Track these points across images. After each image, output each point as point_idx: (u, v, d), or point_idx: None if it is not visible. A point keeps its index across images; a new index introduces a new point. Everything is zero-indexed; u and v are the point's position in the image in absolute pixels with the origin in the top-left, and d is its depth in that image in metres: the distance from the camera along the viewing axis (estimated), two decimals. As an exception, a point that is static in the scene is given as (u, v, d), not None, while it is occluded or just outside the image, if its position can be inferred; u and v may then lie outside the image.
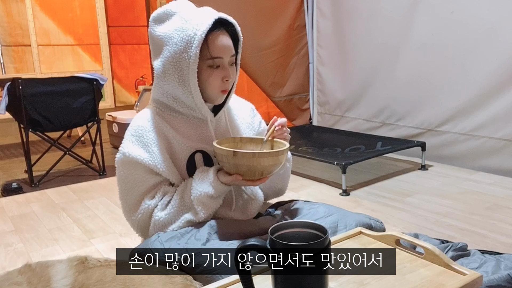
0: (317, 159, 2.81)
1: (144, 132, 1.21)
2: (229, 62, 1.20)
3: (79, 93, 3.12)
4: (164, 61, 1.17)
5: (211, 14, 1.16)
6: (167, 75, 1.18)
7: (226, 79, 1.19)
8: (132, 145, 1.20)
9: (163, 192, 1.21)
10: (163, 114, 1.25)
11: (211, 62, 1.16)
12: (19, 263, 1.85)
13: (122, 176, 1.22)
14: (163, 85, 1.21)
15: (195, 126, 1.26)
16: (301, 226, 0.80)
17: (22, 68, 6.35)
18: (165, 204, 1.19)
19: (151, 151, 1.19)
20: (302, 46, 4.07)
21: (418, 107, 3.24)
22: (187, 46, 1.13)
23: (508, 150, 2.75)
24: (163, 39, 1.17)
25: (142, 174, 1.19)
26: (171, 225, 1.19)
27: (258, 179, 1.14)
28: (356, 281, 0.86)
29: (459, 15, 2.89)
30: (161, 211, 1.19)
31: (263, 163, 1.09)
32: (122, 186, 1.23)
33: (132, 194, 1.21)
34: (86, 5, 6.68)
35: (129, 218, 1.24)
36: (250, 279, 0.78)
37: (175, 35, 1.15)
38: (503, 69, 2.70)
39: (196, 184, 1.17)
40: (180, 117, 1.26)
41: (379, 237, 1.02)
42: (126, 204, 1.23)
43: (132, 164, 1.19)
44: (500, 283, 1.28)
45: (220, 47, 1.16)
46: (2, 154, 4.24)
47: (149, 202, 1.19)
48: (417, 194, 2.50)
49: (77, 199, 2.69)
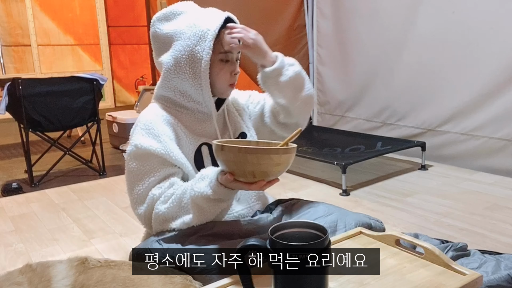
0: (317, 159, 2.81)
1: (154, 124, 1.21)
2: (236, 58, 1.27)
3: (79, 93, 3.12)
4: (176, 54, 1.20)
5: (220, 12, 1.23)
6: (178, 68, 1.21)
7: (235, 73, 1.26)
8: (143, 137, 1.20)
9: (170, 184, 1.18)
10: (168, 109, 1.27)
11: (223, 56, 1.22)
12: (19, 263, 1.85)
13: (134, 168, 1.19)
14: (172, 79, 1.23)
15: (200, 121, 1.29)
16: (301, 226, 0.80)
17: (22, 68, 6.35)
18: (168, 197, 1.16)
19: (162, 141, 1.18)
20: (302, 46, 4.07)
21: (418, 107, 3.24)
22: (201, 40, 1.18)
23: (508, 150, 2.75)
24: (174, 35, 1.22)
25: (154, 165, 1.18)
26: (171, 222, 1.16)
27: (254, 183, 1.01)
28: (356, 281, 0.87)
29: (460, 15, 2.89)
30: (162, 204, 1.16)
31: (251, 160, 0.95)
32: (132, 178, 1.20)
33: (142, 186, 1.18)
34: (86, 5, 6.68)
35: (136, 212, 1.21)
36: (250, 279, 0.78)
37: (187, 30, 1.20)
38: (503, 69, 2.70)
39: (195, 183, 1.12)
40: (185, 112, 1.28)
41: (379, 237, 1.02)
42: (134, 197, 1.20)
43: (144, 155, 1.18)
44: (500, 283, 1.28)
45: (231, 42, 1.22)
46: (2, 154, 4.24)
47: (155, 191, 1.17)
48: (417, 194, 2.50)
49: (77, 199, 2.69)
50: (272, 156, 0.96)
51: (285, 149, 0.99)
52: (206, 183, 1.08)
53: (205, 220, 1.14)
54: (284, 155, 0.98)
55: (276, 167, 0.98)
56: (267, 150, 0.97)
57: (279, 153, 0.98)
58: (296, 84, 1.31)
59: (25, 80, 2.92)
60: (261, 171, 0.98)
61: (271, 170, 0.99)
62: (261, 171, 0.98)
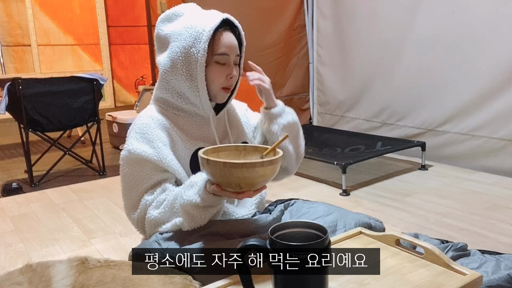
0: (317, 159, 2.81)
1: (148, 129, 1.21)
2: (234, 61, 1.24)
3: (79, 93, 3.12)
4: (173, 56, 1.20)
5: (219, 14, 1.22)
6: (175, 69, 1.21)
7: (230, 77, 1.23)
8: (137, 142, 1.20)
9: (162, 189, 1.19)
10: (166, 112, 1.27)
11: (218, 58, 1.20)
12: (19, 263, 1.85)
13: (127, 173, 1.21)
14: (170, 80, 1.23)
15: (197, 125, 1.28)
16: (301, 226, 0.80)
17: (22, 68, 6.35)
18: (160, 202, 1.17)
19: (156, 147, 1.19)
20: (302, 46, 4.07)
21: (418, 107, 3.24)
22: (196, 41, 1.17)
23: (508, 150, 2.75)
24: (171, 36, 1.22)
25: (146, 171, 1.19)
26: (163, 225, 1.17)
27: (241, 192, 1.00)
28: (356, 281, 0.87)
29: (460, 15, 2.89)
30: (154, 209, 1.17)
31: (236, 174, 0.95)
32: (125, 183, 1.22)
33: (135, 192, 1.20)
34: (86, 5, 6.68)
35: (130, 217, 1.24)
36: (250, 279, 0.78)
37: (184, 31, 1.19)
38: (503, 69, 2.70)
39: (184, 190, 1.11)
40: (183, 115, 1.27)
41: (379, 237, 1.02)
42: (128, 202, 1.23)
43: (137, 161, 1.19)
44: (500, 283, 1.28)
45: (227, 44, 1.21)
46: (2, 154, 4.23)
47: (147, 197, 1.18)
48: (417, 194, 2.50)
49: (77, 199, 2.69)
50: (257, 169, 0.96)
51: (270, 160, 0.98)
52: (195, 191, 1.08)
53: (197, 225, 1.13)
54: (269, 166, 0.97)
55: (261, 178, 0.98)
56: (252, 164, 0.95)
57: (264, 165, 0.96)
58: (292, 131, 1.34)
59: (25, 80, 2.92)
60: (247, 183, 0.98)
61: (257, 181, 0.99)
62: (247, 183, 0.98)
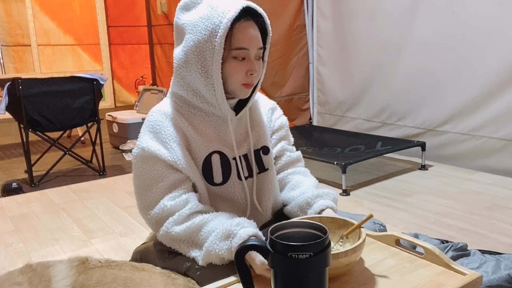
0: (317, 159, 2.80)
1: (162, 128, 1.13)
2: (256, 55, 1.10)
3: (79, 93, 3.12)
4: (187, 50, 1.09)
5: (238, 2, 1.08)
6: (189, 65, 1.10)
7: (251, 73, 1.09)
8: (150, 140, 1.12)
9: (185, 201, 1.09)
10: (181, 109, 1.16)
11: (236, 53, 1.07)
12: (19, 263, 1.85)
13: (141, 172, 1.12)
14: (184, 76, 1.13)
15: (214, 125, 1.17)
16: (301, 226, 0.80)
17: (22, 68, 6.35)
18: (183, 217, 1.08)
19: (170, 147, 1.11)
20: (302, 46, 4.07)
21: (418, 107, 3.24)
22: (212, 35, 1.05)
23: (508, 150, 2.75)
24: (187, 27, 1.10)
25: (162, 169, 1.10)
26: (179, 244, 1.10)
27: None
28: (356, 281, 0.87)
29: (460, 15, 2.89)
30: (176, 225, 1.08)
31: None
32: (140, 182, 1.13)
33: (151, 191, 1.11)
34: (86, 5, 6.68)
35: (145, 216, 1.14)
36: (250, 279, 0.78)
37: (200, 23, 1.07)
38: (503, 69, 2.70)
39: (216, 237, 1.02)
40: (199, 114, 1.16)
41: (379, 237, 1.02)
42: (143, 201, 1.13)
43: (151, 158, 1.11)
44: (500, 283, 1.28)
45: (247, 38, 1.07)
46: (2, 154, 4.23)
47: (167, 203, 1.09)
48: (417, 194, 2.50)
49: (77, 199, 2.69)
50: (340, 261, 0.85)
51: (354, 248, 0.86)
52: (227, 245, 1.00)
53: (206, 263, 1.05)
54: (353, 254, 0.86)
55: (345, 267, 0.88)
56: (334, 256, 0.84)
57: (348, 255, 0.85)
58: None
59: (25, 80, 2.93)
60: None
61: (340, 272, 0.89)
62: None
